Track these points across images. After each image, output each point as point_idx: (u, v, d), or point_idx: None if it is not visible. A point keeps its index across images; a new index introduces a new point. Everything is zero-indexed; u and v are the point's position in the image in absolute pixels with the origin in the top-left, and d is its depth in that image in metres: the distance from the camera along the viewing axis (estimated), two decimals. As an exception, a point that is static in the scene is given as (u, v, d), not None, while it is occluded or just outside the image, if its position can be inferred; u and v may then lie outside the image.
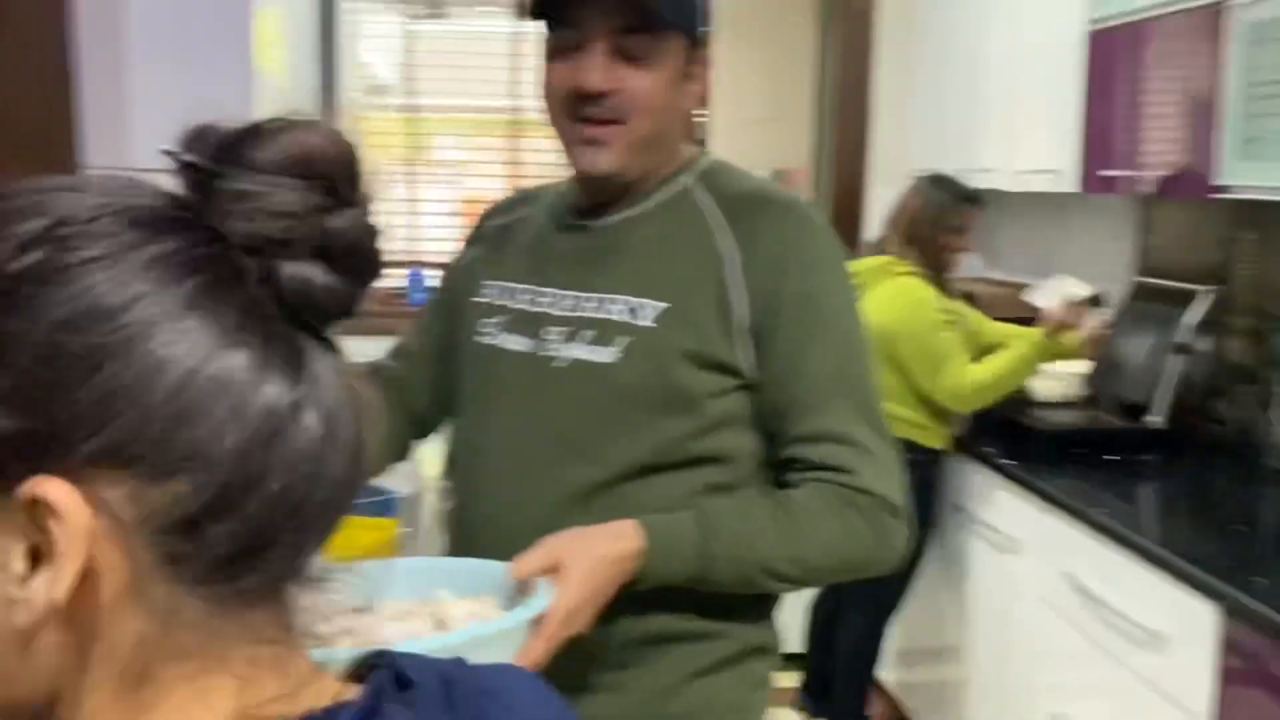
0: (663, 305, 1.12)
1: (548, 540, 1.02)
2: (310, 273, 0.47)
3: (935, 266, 2.54)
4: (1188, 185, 2.22)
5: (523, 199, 1.34)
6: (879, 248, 2.65)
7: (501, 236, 1.30)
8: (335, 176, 0.47)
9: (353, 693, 0.49)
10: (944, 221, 2.53)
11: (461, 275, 1.31)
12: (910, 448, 2.54)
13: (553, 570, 0.99)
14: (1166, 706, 1.82)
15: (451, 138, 3.98)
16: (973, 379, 2.42)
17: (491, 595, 1.01)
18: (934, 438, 2.57)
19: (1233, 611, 1.66)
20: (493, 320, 1.21)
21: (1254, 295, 2.52)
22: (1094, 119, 2.61)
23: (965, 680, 2.68)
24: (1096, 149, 2.60)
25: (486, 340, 1.21)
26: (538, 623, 0.95)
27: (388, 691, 0.49)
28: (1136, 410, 2.62)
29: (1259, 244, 2.50)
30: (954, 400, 2.45)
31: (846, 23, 3.82)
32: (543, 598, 0.96)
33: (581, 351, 1.13)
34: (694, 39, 1.14)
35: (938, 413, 2.53)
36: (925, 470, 2.57)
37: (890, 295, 2.50)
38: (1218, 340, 2.64)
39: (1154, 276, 2.88)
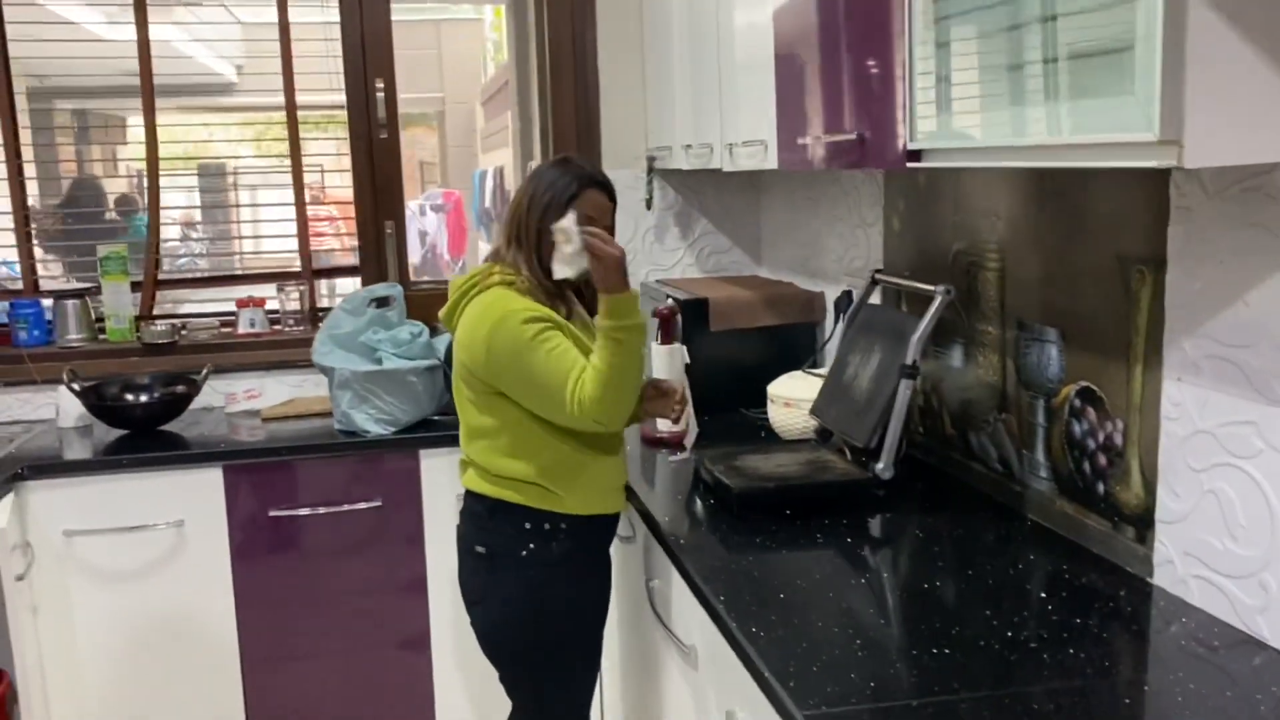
0: None
1: None
2: None
3: (549, 272, 1.84)
4: (879, 154, 1.60)
5: None
6: (495, 253, 1.94)
7: None
8: None
9: None
10: (556, 213, 1.83)
11: None
12: (532, 515, 1.84)
13: None
14: None
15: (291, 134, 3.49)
16: (592, 376, 1.73)
17: None
18: (558, 499, 1.84)
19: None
20: None
21: (998, 295, 1.93)
22: (785, 84, 1.99)
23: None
24: (790, 117, 1.97)
25: None
26: None
27: None
28: (868, 452, 2.00)
29: (1004, 225, 1.91)
30: (590, 412, 1.72)
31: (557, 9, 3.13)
32: None
33: None
34: None
35: (562, 463, 1.83)
36: (560, 543, 1.85)
37: (473, 319, 1.80)
38: (967, 353, 2.05)
39: (893, 274, 2.27)
